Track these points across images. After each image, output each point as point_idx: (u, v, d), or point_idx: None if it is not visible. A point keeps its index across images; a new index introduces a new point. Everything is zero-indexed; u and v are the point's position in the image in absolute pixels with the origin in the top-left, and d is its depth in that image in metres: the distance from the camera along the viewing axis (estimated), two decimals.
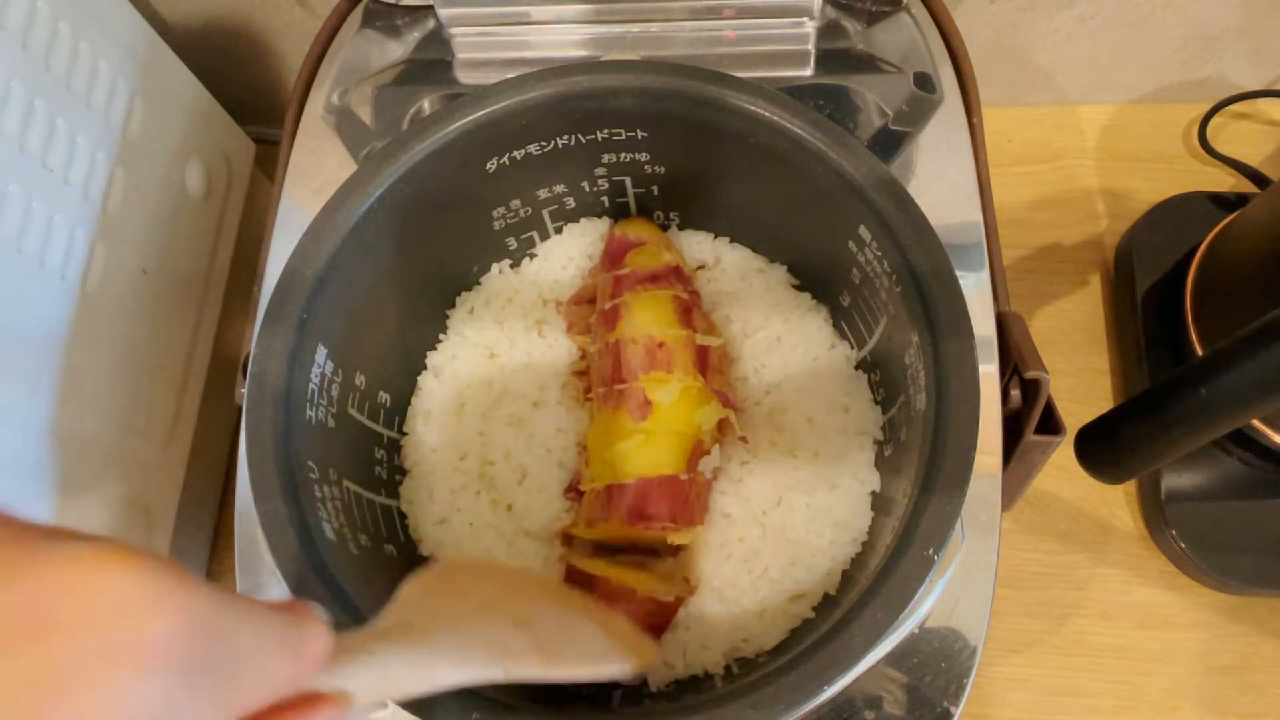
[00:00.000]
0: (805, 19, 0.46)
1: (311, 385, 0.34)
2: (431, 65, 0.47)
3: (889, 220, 0.34)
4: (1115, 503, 0.53)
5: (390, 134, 0.44)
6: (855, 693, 0.34)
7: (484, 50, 0.47)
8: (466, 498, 0.39)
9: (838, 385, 0.40)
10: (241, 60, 0.61)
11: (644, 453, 0.36)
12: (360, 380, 0.38)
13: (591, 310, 0.42)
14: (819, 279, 0.42)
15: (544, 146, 0.39)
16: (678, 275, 0.41)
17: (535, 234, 0.44)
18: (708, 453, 0.37)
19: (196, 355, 0.54)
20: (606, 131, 0.39)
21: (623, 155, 0.40)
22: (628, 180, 0.42)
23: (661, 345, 0.38)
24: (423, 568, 0.28)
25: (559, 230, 0.44)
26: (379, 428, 0.40)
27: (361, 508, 0.37)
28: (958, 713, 0.34)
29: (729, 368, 0.41)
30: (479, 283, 0.44)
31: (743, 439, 0.39)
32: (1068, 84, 0.61)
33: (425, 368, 0.43)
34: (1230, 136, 0.60)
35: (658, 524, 0.36)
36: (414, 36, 0.48)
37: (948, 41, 0.45)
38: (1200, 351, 0.50)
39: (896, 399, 0.36)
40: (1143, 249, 0.55)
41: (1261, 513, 0.49)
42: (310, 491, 0.33)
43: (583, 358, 0.42)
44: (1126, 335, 0.55)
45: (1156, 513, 0.50)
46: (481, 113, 0.37)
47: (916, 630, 0.34)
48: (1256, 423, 0.47)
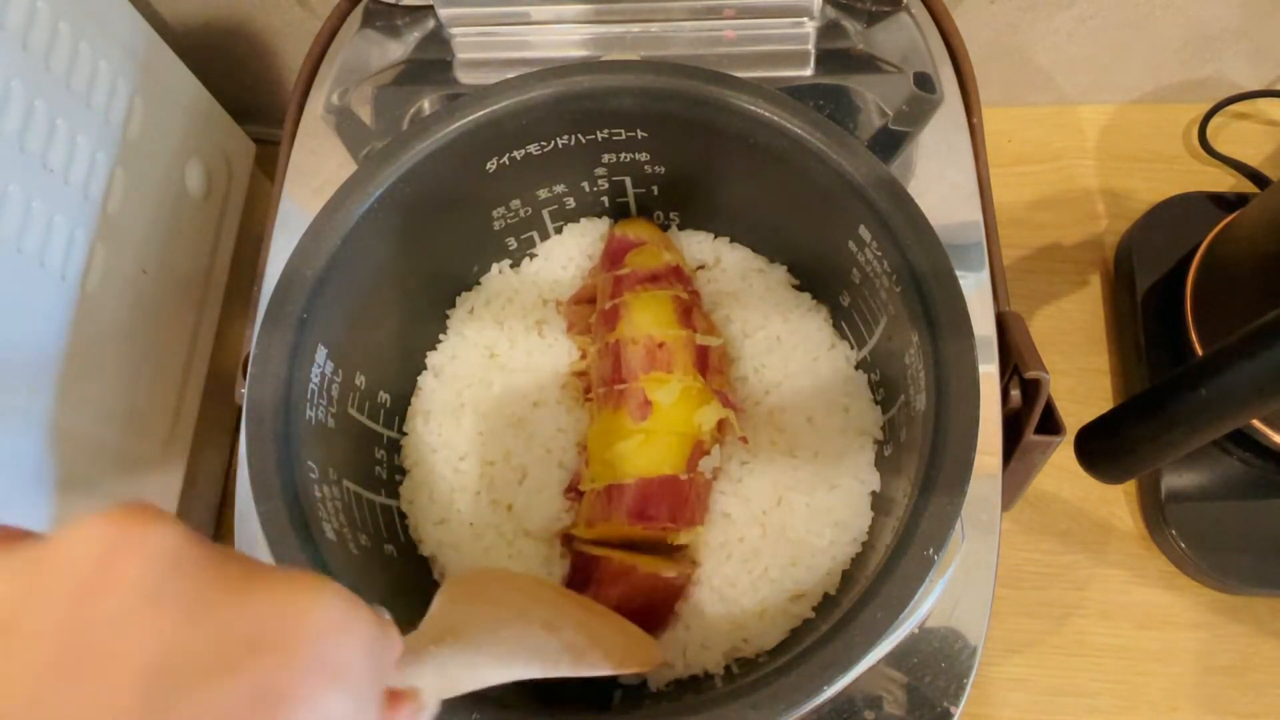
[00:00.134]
0: (805, 19, 0.46)
1: (311, 385, 0.34)
2: (431, 65, 0.47)
3: (889, 220, 0.34)
4: (1115, 503, 0.53)
5: (390, 134, 0.44)
6: (855, 693, 0.34)
7: (484, 50, 0.47)
8: (466, 498, 0.39)
9: (838, 385, 0.40)
10: (241, 60, 0.61)
11: (644, 453, 0.36)
12: (360, 380, 0.38)
13: (591, 310, 0.42)
14: (819, 279, 0.42)
15: (544, 146, 0.39)
16: (678, 275, 0.41)
17: (535, 234, 0.44)
18: (708, 453, 0.37)
19: (196, 355, 0.54)
20: (606, 131, 0.39)
21: (623, 155, 0.40)
22: (628, 180, 0.42)
23: (661, 345, 0.38)
24: (448, 580, 0.29)
25: (559, 230, 0.44)
26: (379, 428, 0.40)
27: (361, 508, 0.37)
28: (958, 713, 0.34)
29: (729, 368, 0.41)
30: (479, 283, 0.44)
31: (743, 439, 0.39)
32: (1068, 84, 0.61)
33: (425, 368, 0.43)
34: (1230, 136, 0.60)
35: (658, 524, 0.36)
36: (414, 36, 0.48)
37: (948, 41, 0.45)
38: (1200, 351, 0.50)
39: (896, 399, 0.36)
40: (1143, 249, 0.55)
41: (1261, 513, 0.49)
42: (310, 491, 0.33)
43: (583, 358, 0.42)
44: (1126, 335, 0.55)
45: (1156, 513, 0.50)
46: (481, 113, 0.37)
47: (916, 630, 0.34)
48: (1256, 423, 0.47)
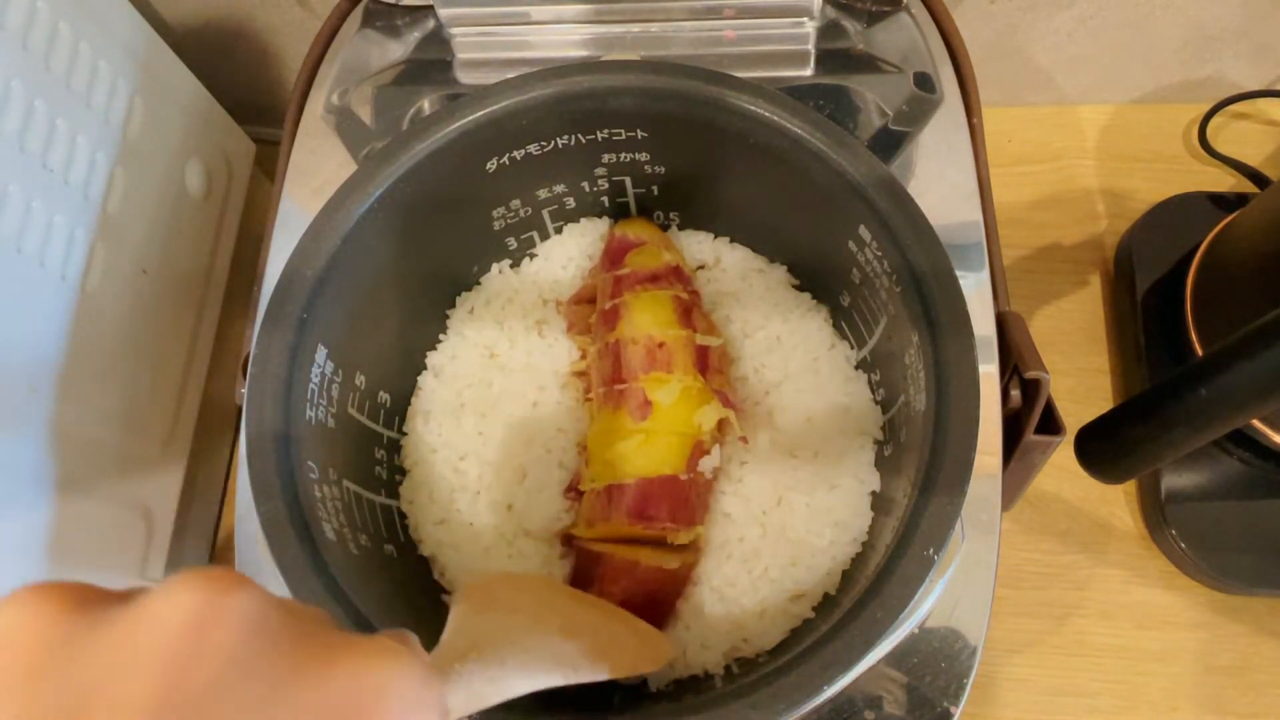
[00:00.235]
0: (805, 19, 0.46)
1: (311, 385, 0.34)
2: (431, 65, 0.47)
3: (889, 220, 0.34)
4: (1115, 503, 0.53)
5: (390, 134, 0.44)
6: (855, 693, 0.34)
7: (484, 50, 0.47)
8: (466, 498, 0.39)
9: (838, 385, 0.40)
10: (241, 60, 0.62)
11: (644, 453, 0.36)
12: (360, 380, 0.38)
13: (591, 310, 0.42)
14: (819, 279, 0.42)
15: (544, 146, 0.39)
16: (678, 275, 0.41)
17: (535, 234, 0.44)
18: (708, 453, 0.37)
19: (196, 355, 0.54)
20: (606, 131, 0.39)
21: (623, 155, 0.40)
22: (628, 180, 0.42)
23: (661, 345, 0.38)
24: (461, 590, 0.29)
25: (559, 230, 0.44)
26: (379, 428, 0.40)
27: (361, 508, 0.37)
28: (958, 713, 0.34)
29: (729, 368, 0.41)
30: (479, 283, 0.44)
31: (743, 439, 0.39)
32: (1068, 84, 0.61)
33: (425, 368, 0.43)
34: (1230, 136, 0.60)
35: (658, 524, 0.36)
36: (414, 36, 0.48)
37: (948, 41, 0.45)
38: (1200, 351, 0.50)
39: (896, 399, 0.36)
40: (1143, 249, 0.55)
41: (1261, 513, 0.49)
42: (310, 491, 0.33)
43: (583, 358, 0.42)
44: (1126, 335, 0.55)
45: (1156, 513, 0.50)
46: (481, 113, 0.37)
47: (916, 630, 0.34)
48: (1256, 423, 0.47)
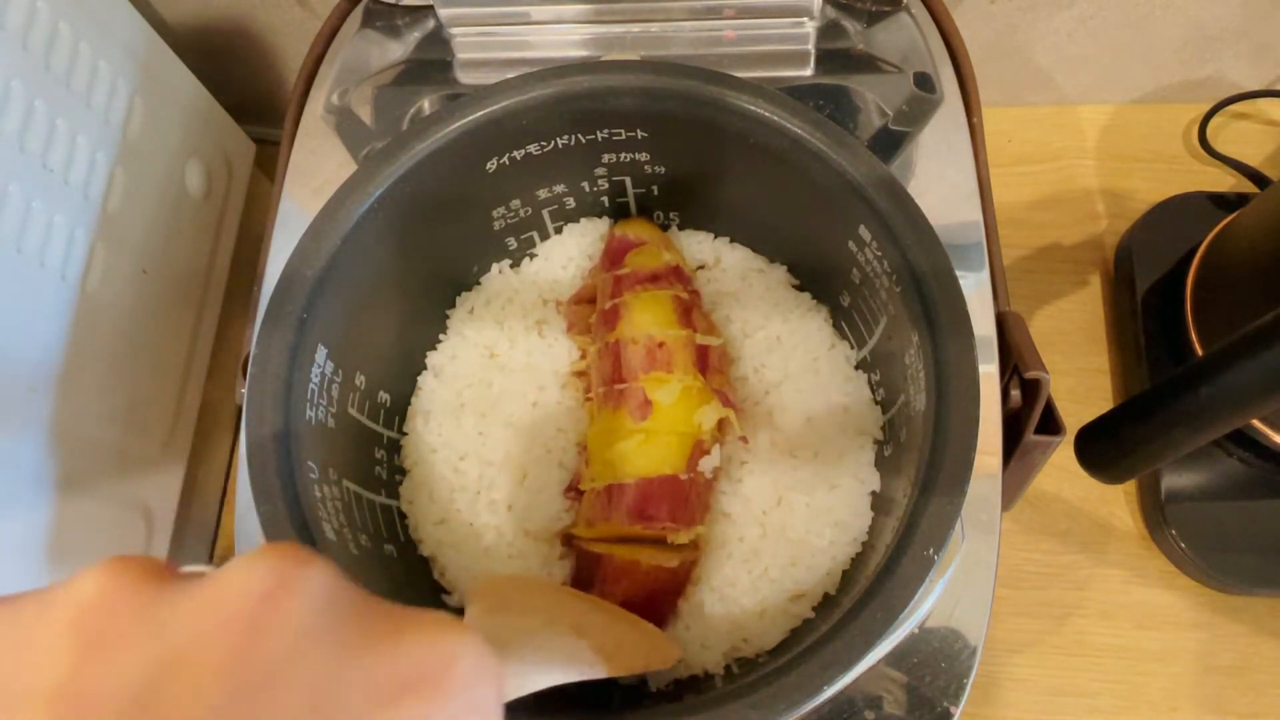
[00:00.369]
0: (805, 19, 0.46)
1: (311, 385, 0.34)
2: (431, 65, 0.47)
3: (889, 220, 0.34)
4: (1115, 503, 0.53)
5: (390, 134, 0.44)
6: (855, 693, 0.34)
7: (484, 50, 0.47)
8: (466, 498, 0.39)
9: (838, 385, 0.40)
10: (241, 60, 0.62)
11: (644, 452, 0.36)
12: (360, 380, 0.38)
13: (591, 310, 0.42)
14: (819, 279, 0.42)
15: (544, 146, 0.39)
16: (678, 275, 0.41)
17: (535, 234, 0.44)
18: (708, 452, 0.37)
19: (196, 355, 0.54)
20: (606, 131, 0.39)
21: (623, 155, 0.40)
22: (628, 180, 0.42)
23: (661, 345, 0.38)
24: (474, 593, 0.29)
25: (559, 230, 0.44)
26: (379, 428, 0.40)
27: (361, 508, 0.37)
28: (958, 713, 0.34)
29: (729, 367, 0.41)
30: (479, 283, 0.44)
31: (743, 439, 0.39)
32: (1068, 84, 0.61)
33: (425, 368, 0.43)
34: (1230, 136, 0.60)
35: (658, 524, 0.36)
36: (414, 36, 0.48)
37: (948, 41, 0.45)
38: (1200, 351, 0.50)
39: (896, 399, 0.36)
40: (1143, 249, 0.55)
41: (1261, 513, 0.49)
42: (310, 491, 0.33)
43: (583, 358, 0.42)
44: (1126, 335, 0.55)
45: (1156, 513, 0.50)
46: (481, 113, 0.37)
47: (916, 630, 0.34)
48: (1256, 423, 0.47)
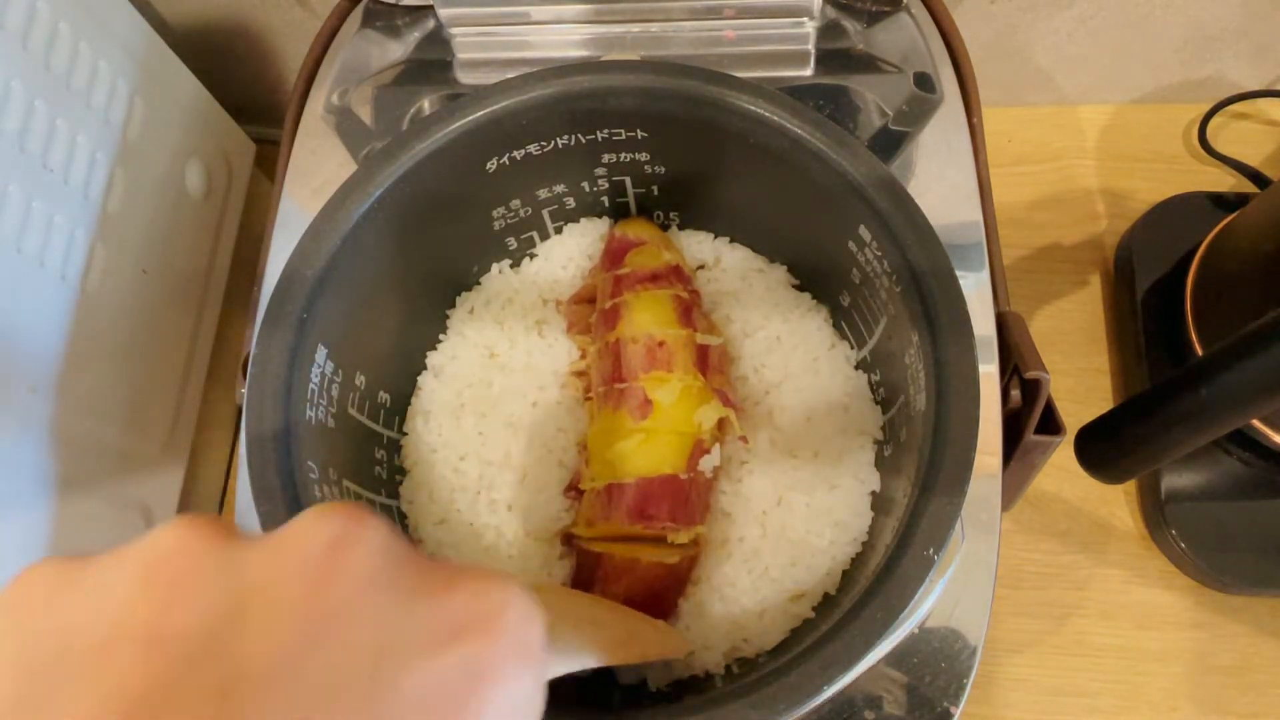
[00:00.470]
0: (805, 19, 0.46)
1: (311, 385, 0.34)
2: (431, 65, 0.47)
3: (889, 220, 0.34)
4: (1115, 503, 0.53)
5: (390, 134, 0.44)
6: (855, 693, 0.34)
7: (484, 50, 0.47)
8: (466, 498, 0.39)
9: (838, 385, 0.40)
10: (241, 60, 0.62)
11: (644, 452, 0.36)
12: (360, 380, 0.38)
13: (591, 310, 0.42)
14: (819, 279, 0.42)
15: (544, 146, 0.39)
16: (678, 275, 0.41)
17: (535, 234, 0.44)
18: (708, 452, 0.37)
19: (196, 355, 0.54)
20: (606, 131, 0.39)
21: (623, 155, 0.40)
22: (628, 180, 0.42)
23: (662, 344, 0.38)
24: None
25: (559, 230, 0.44)
26: (379, 428, 0.40)
27: None
28: (958, 713, 0.34)
29: (729, 367, 0.41)
30: (479, 283, 0.44)
31: (743, 439, 0.39)
32: (1068, 84, 0.61)
33: (425, 368, 0.43)
34: (1230, 136, 0.60)
35: (658, 523, 0.36)
36: (414, 36, 0.48)
37: (948, 41, 0.45)
38: (1200, 351, 0.50)
39: (896, 399, 0.36)
40: (1143, 249, 0.55)
41: (1261, 513, 0.49)
42: (310, 491, 0.33)
43: (583, 357, 0.42)
44: (1126, 335, 0.55)
45: (1156, 513, 0.50)
46: (481, 113, 0.37)
47: (916, 630, 0.34)
48: (1256, 423, 0.47)
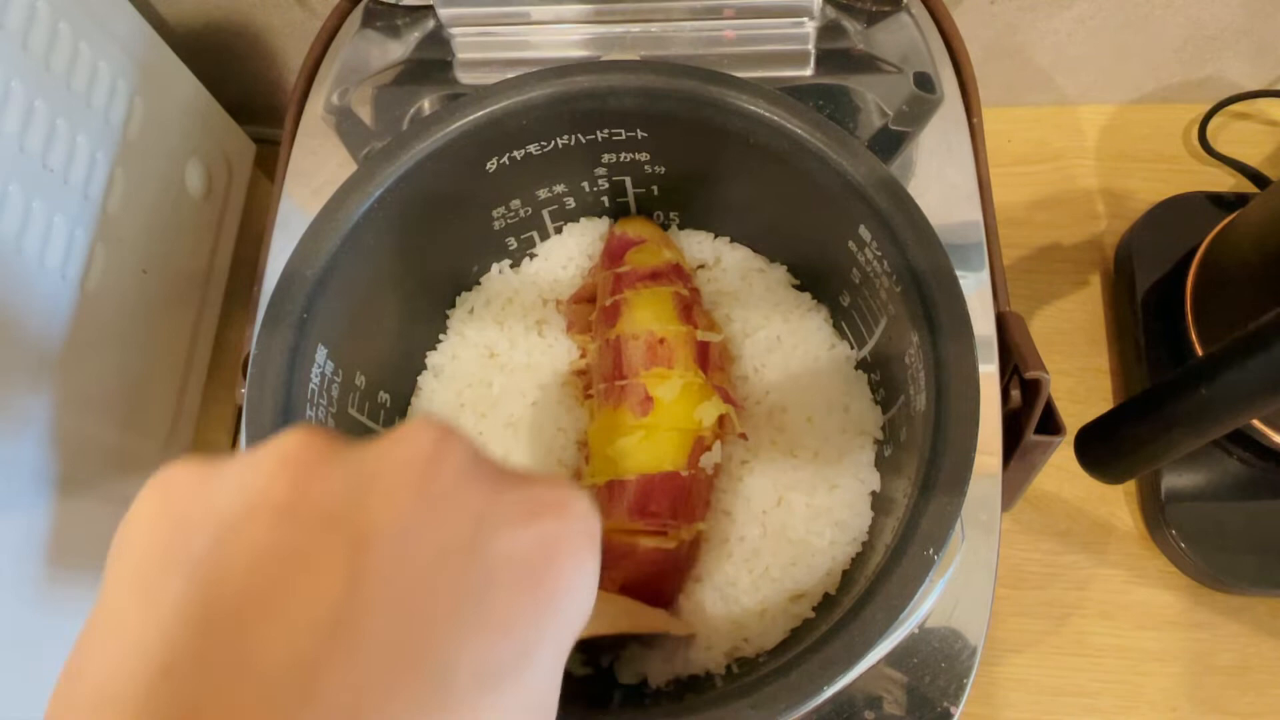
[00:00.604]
0: (805, 19, 0.46)
1: (311, 385, 0.34)
2: (431, 65, 0.47)
3: (889, 220, 0.34)
4: (1115, 503, 0.53)
5: (390, 134, 0.44)
6: (855, 693, 0.34)
7: (484, 50, 0.47)
8: None
9: (838, 385, 0.40)
10: (241, 60, 0.62)
11: (645, 449, 0.36)
12: (360, 380, 0.38)
13: (592, 309, 0.42)
14: (819, 279, 0.42)
15: (544, 146, 0.39)
16: (678, 273, 0.41)
17: (535, 234, 0.44)
18: (709, 449, 0.37)
19: (196, 355, 0.54)
20: (606, 131, 0.39)
21: (623, 155, 0.40)
22: (628, 180, 0.42)
23: (662, 341, 0.38)
24: None
25: (559, 230, 0.44)
26: (379, 428, 0.40)
27: None
28: (958, 713, 0.34)
29: (730, 364, 0.41)
30: (479, 283, 0.44)
31: (743, 436, 0.39)
32: (1068, 84, 0.61)
33: (425, 368, 0.43)
34: (1230, 136, 0.60)
35: (659, 520, 0.36)
36: (414, 36, 0.48)
37: (948, 41, 0.45)
38: (1200, 351, 0.50)
39: (896, 399, 0.36)
40: (1143, 249, 0.55)
41: (1261, 513, 0.49)
42: None
43: (583, 357, 0.42)
44: (1126, 335, 0.55)
45: (1156, 513, 0.50)
46: (481, 113, 0.37)
47: (916, 630, 0.34)
48: (1256, 423, 0.47)
